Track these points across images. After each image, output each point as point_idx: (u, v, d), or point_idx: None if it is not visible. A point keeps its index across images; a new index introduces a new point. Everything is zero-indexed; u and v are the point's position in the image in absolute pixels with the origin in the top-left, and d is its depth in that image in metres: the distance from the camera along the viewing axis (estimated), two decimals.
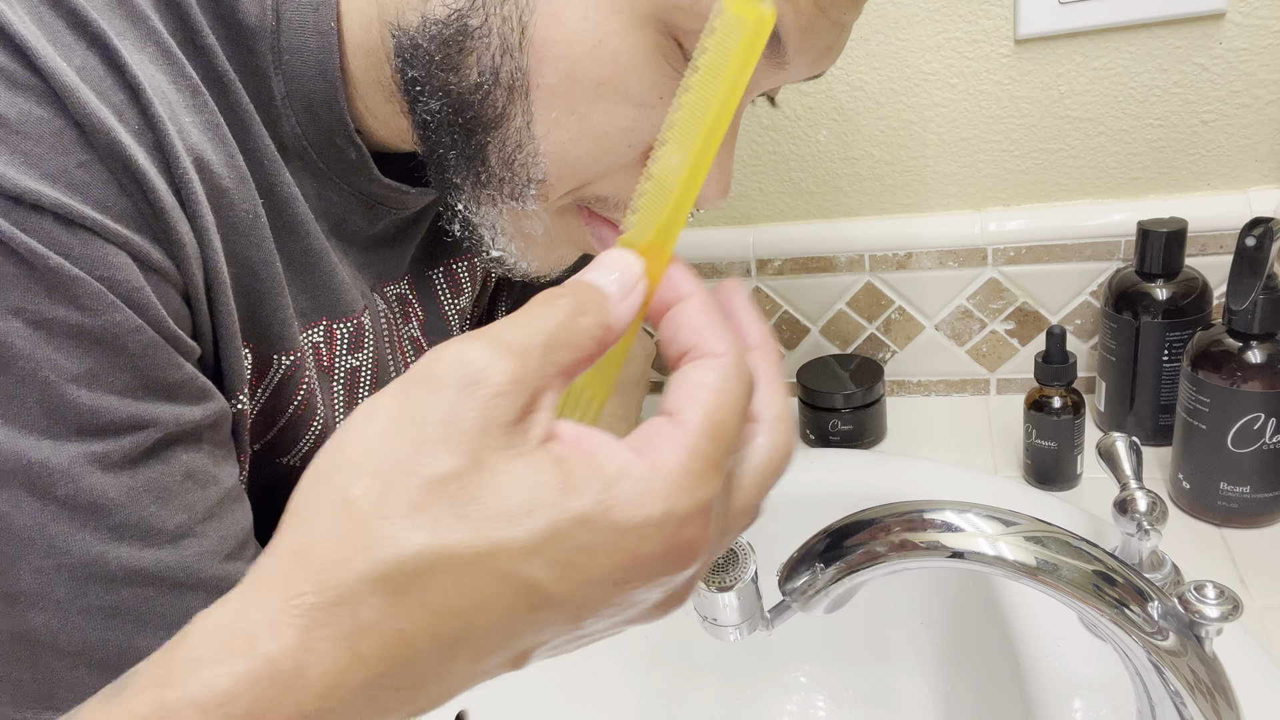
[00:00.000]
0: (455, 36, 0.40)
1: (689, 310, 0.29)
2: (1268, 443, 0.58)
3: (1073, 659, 0.51)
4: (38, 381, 0.33)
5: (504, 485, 0.24)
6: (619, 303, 0.28)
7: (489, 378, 0.24)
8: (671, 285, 0.29)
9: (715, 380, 0.27)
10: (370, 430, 0.25)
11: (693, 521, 0.25)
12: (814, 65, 0.42)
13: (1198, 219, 0.70)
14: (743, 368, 0.28)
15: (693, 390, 0.27)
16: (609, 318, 0.28)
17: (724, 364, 0.27)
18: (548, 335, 0.26)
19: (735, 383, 0.27)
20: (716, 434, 0.26)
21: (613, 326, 0.28)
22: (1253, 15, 0.67)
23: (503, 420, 0.24)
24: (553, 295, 0.27)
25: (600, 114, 0.40)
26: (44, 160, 0.33)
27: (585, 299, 0.27)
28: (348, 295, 0.49)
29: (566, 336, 0.26)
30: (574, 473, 0.24)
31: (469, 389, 0.24)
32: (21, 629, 0.35)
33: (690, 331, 0.28)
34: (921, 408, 0.82)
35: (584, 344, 0.27)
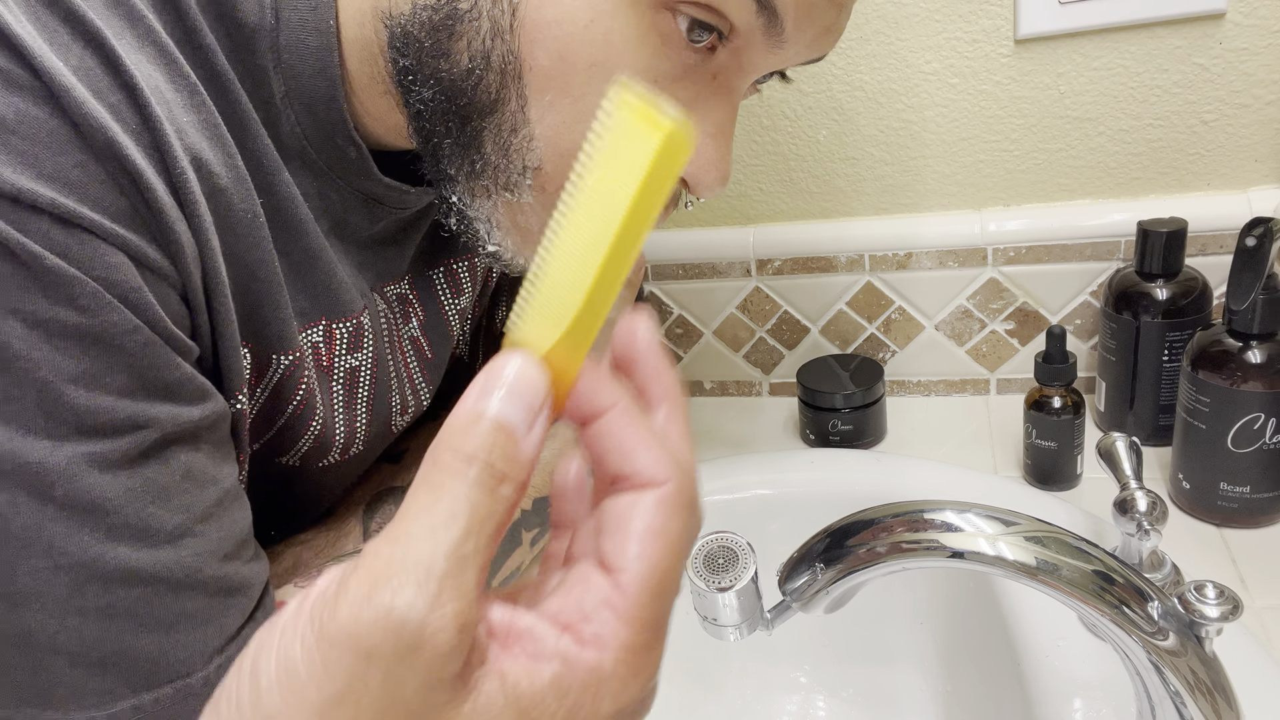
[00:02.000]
0: (445, 21, 0.40)
1: (614, 426, 0.25)
2: (1268, 443, 0.58)
3: (1073, 659, 0.51)
4: (35, 382, 0.33)
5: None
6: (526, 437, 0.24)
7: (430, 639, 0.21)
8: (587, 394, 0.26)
9: (660, 523, 0.24)
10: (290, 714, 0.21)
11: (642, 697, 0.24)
12: (813, 46, 0.42)
13: (1198, 219, 0.70)
14: (686, 495, 0.25)
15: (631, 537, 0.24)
16: (523, 469, 0.24)
17: (666, 497, 0.24)
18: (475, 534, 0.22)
19: (683, 518, 0.24)
20: (660, 591, 0.23)
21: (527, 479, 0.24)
22: (1253, 15, 0.67)
23: (449, 675, 0.21)
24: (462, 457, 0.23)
25: (594, 96, 0.40)
26: (41, 160, 0.33)
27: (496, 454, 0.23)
28: (347, 295, 0.49)
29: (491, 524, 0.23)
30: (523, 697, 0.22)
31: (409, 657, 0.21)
32: (19, 629, 0.34)
33: (620, 455, 0.25)
34: (921, 408, 0.82)
35: (505, 519, 0.23)
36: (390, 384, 0.54)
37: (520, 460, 0.24)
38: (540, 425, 0.25)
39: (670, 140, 0.24)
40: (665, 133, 0.24)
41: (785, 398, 0.88)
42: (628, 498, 0.25)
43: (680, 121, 0.24)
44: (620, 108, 0.24)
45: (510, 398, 0.24)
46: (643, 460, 0.25)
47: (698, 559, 0.42)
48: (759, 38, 0.40)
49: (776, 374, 0.88)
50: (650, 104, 0.24)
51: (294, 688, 0.21)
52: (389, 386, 0.54)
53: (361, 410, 0.52)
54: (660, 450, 0.25)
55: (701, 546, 0.42)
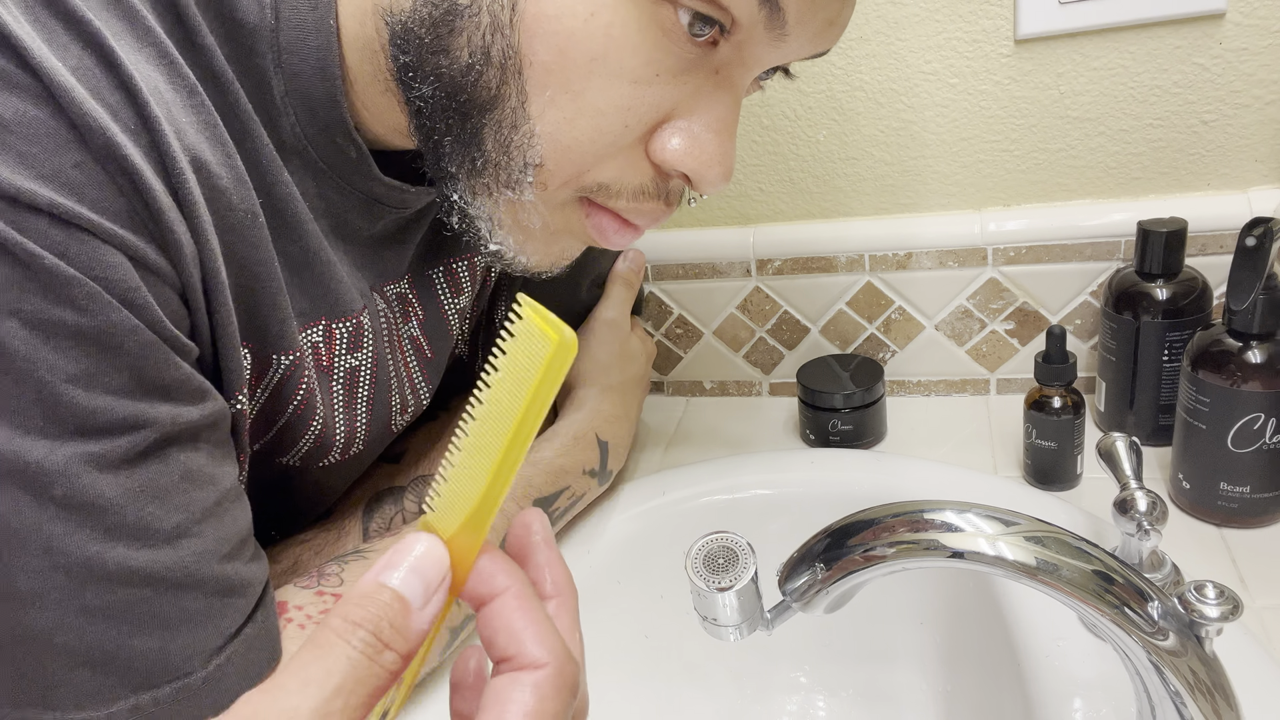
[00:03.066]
0: (445, 17, 0.40)
1: (505, 610, 0.27)
2: (1268, 443, 0.58)
3: (1073, 659, 0.51)
4: (34, 382, 0.33)
5: None
6: (420, 611, 0.26)
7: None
8: (484, 576, 0.28)
9: (530, 701, 0.25)
10: None
11: None
12: (816, 40, 0.42)
13: (1198, 219, 0.70)
14: (564, 678, 0.26)
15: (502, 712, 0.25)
16: (410, 641, 0.26)
17: (540, 679, 0.26)
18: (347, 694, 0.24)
19: (553, 699, 0.26)
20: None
21: (413, 651, 0.26)
22: (1253, 15, 0.67)
23: None
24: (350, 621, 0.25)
25: (595, 91, 0.40)
26: (40, 160, 0.33)
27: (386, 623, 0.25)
28: (347, 295, 0.49)
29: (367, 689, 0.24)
30: None
31: None
32: (19, 629, 0.34)
33: (508, 637, 0.27)
34: (921, 408, 0.82)
35: (383, 685, 0.25)
36: (390, 384, 0.54)
37: (408, 632, 0.26)
38: (436, 601, 0.27)
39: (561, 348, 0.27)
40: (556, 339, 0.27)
41: (785, 398, 0.88)
42: (507, 678, 0.26)
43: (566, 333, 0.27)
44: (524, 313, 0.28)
45: (411, 573, 0.26)
46: (527, 644, 0.26)
47: (698, 559, 0.42)
48: (761, 31, 0.40)
49: (776, 374, 0.88)
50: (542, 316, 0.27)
51: None
52: (389, 386, 0.54)
53: (361, 410, 0.52)
54: (544, 634, 0.27)
55: (702, 546, 0.42)
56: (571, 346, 0.27)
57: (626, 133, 0.41)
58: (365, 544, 0.54)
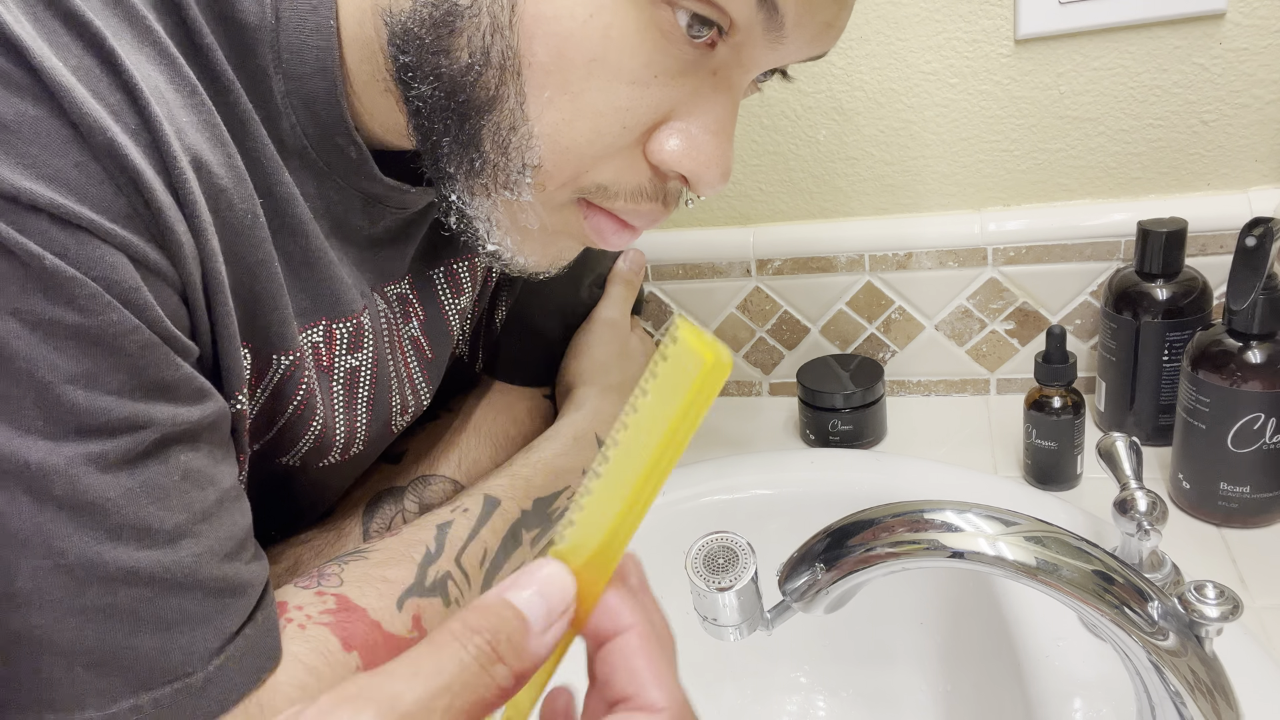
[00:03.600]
0: (445, 17, 0.40)
1: (627, 649, 0.26)
2: (1268, 443, 0.58)
3: (1073, 659, 0.51)
4: (35, 382, 0.33)
5: None
6: (540, 635, 0.26)
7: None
8: (608, 612, 0.27)
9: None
10: None
11: None
12: (814, 42, 0.42)
13: (1198, 219, 0.70)
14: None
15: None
16: (525, 661, 0.25)
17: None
18: (452, 696, 0.23)
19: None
20: None
21: (526, 675, 0.25)
22: (1253, 15, 0.67)
23: None
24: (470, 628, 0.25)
25: (593, 92, 0.40)
26: (40, 160, 0.33)
27: (504, 636, 0.25)
28: (347, 295, 0.49)
29: (473, 695, 0.24)
30: None
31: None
32: (19, 629, 0.34)
33: (628, 678, 0.26)
34: (921, 408, 0.82)
35: (491, 700, 0.24)
36: (390, 384, 0.54)
37: (524, 651, 0.25)
38: (558, 628, 0.26)
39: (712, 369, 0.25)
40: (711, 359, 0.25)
41: (785, 398, 0.88)
42: (623, 716, 0.26)
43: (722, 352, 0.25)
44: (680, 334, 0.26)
45: (536, 596, 0.26)
46: (648, 686, 0.26)
47: (698, 559, 0.42)
48: (759, 33, 0.40)
49: (776, 374, 0.88)
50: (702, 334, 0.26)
51: None
52: (389, 386, 0.54)
53: (362, 410, 0.52)
54: (665, 679, 0.26)
55: (701, 546, 0.42)
56: (725, 368, 0.26)
57: (625, 134, 0.41)
58: (365, 544, 0.54)
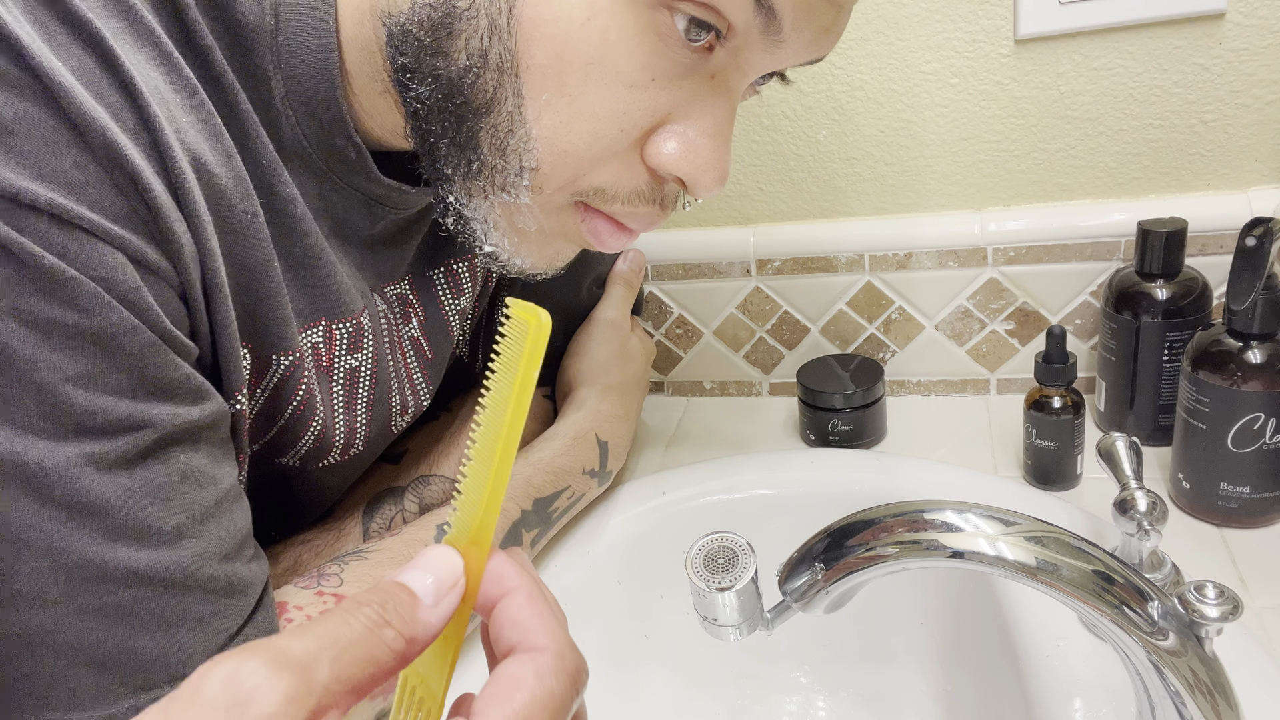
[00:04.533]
0: (444, 19, 0.40)
1: (513, 605, 0.28)
2: (1268, 443, 0.58)
3: (1073, 659, 0.51)
4: (34, 382, 0.33)
5: None
6: (432, 608, 0.27)
7: (259, 698, 0.23)
8: (496, 579, 0.29)
9: (529, 676, 0.26)
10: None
11: None
12: (811, 46, 0.42)
13: (1198, 219, 0.70)
14: (566, 663, 0.27)
15: (501, 687, 0.26)
16: (415, 628, 0.27)
17: (541, 660, 0.27)
18: (339, 649, 0.25)
19: (552, 678, 0.27)
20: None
21: (418, 638, 0.27)
22: (1253, 15, 0.67)
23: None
24: (359, 601, 0.26)
25: (591, 95, 0.40)
26: (39, 160, 0.33)
27: (392, 607, 0.26)
28: (347, 295, 0.49)
29: (361, 651, 0.25)
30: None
31: (235, 710, 0.23)
32: (19, 629, 0.34)
33: (513, 628, 0.28)
34: (921, 408, 0.82)
35: (382, 659, 0.26)
36: (390, 384, 0.54)
37: (414, 619, 0.27)
38: (448, 601, 0.28)
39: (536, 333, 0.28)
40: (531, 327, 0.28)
41: (785, 398, 0.88)
42: (511, 659, 0.27)
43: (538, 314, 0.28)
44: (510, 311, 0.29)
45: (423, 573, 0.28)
46: (531, 631, 0.28)
47: (698, 559, 0.42)
48: (757, 37, 0.40)
49: (776, 374, 0.88)
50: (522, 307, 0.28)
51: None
52: (389, 387, 0.54)
53: (361, 410, 0.53)
54: (549, 625, 0.28)
55: (701, 546, 0.42)
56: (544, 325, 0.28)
57: (622, 137, 0.41)
58: (365, 544, 0.54)
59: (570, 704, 0.27)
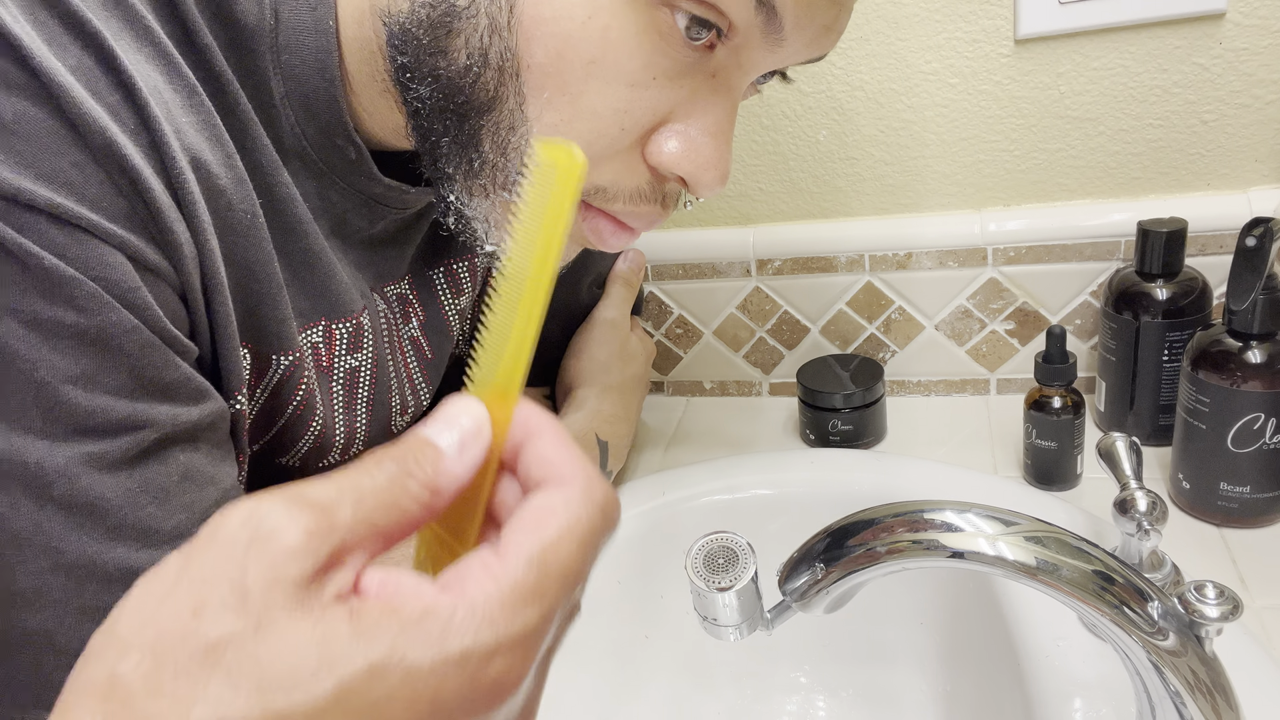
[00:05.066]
0: (443, 18, 0.40)
1: (541, 445, 0.27)
2: (1268, 443, 0.58)
3: (1073, 659, 0.51)
4: (34, 382, 0.33)
5: (287, 647, 0.22)
6: (455, 459, 0.26)
7: (280, 533, 0.23)
8: (522, 424, 0.28)
9: (558, 505, 0.25)
10: (148, 597, 0.23)
11: (501, 656, 0.23)
12: (812, 45, 0.42)
13: (1198, 219, 0.70)
14: (594, 493, 0.26)
15: (527, 516, 0.25)
16: (438, 479, 0.26)
17: (569, 491, 0.26)
18: (361, 494, 0.24)
19: (580, 507, 0.25)
20: (543, 563, 0.24)
21: (442, 490, 0.26)
22: (1253, 15, 0.67)
23: (292, 576, 0.22)
24: (382, 455, 0.26)
25: (592, 94, 0.40)
26: (39, 160, 0.33)
27: (414, 460, 0.26)
28: (347, 295, 0.49)
29: (385, 498, 0.25)
30: (367, 622, 0.22)
31: (257, 545, 0.22)
32: (19, 629, 0.34)
33: (540, 465, 0.27)
34: (921, 408, 0.82)
35: (407, 507, 0.25)
36: (390, 384, 0.54)
37: (438, 469, 0.26)
38: (473, 451, 0.27)
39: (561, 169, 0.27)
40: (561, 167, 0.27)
41: (785, 398, 0.88)
42: (539, 492, 0.26)
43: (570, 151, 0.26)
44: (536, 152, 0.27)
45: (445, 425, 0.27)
46: (559, 465, 0.27)
47: (698, 559, 0.42)
48: (758, 35, 0.40)
49: (776, 374, 0.88)
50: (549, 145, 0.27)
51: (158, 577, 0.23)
52: (389, 387, 0.54)
53: (361, 410, 0.52)
54: (575, 459, 0.27)
55: (701, 546, 0.42)
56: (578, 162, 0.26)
57: (623, 135, 0.41)
58: None
59: (601, 536, 0.26)
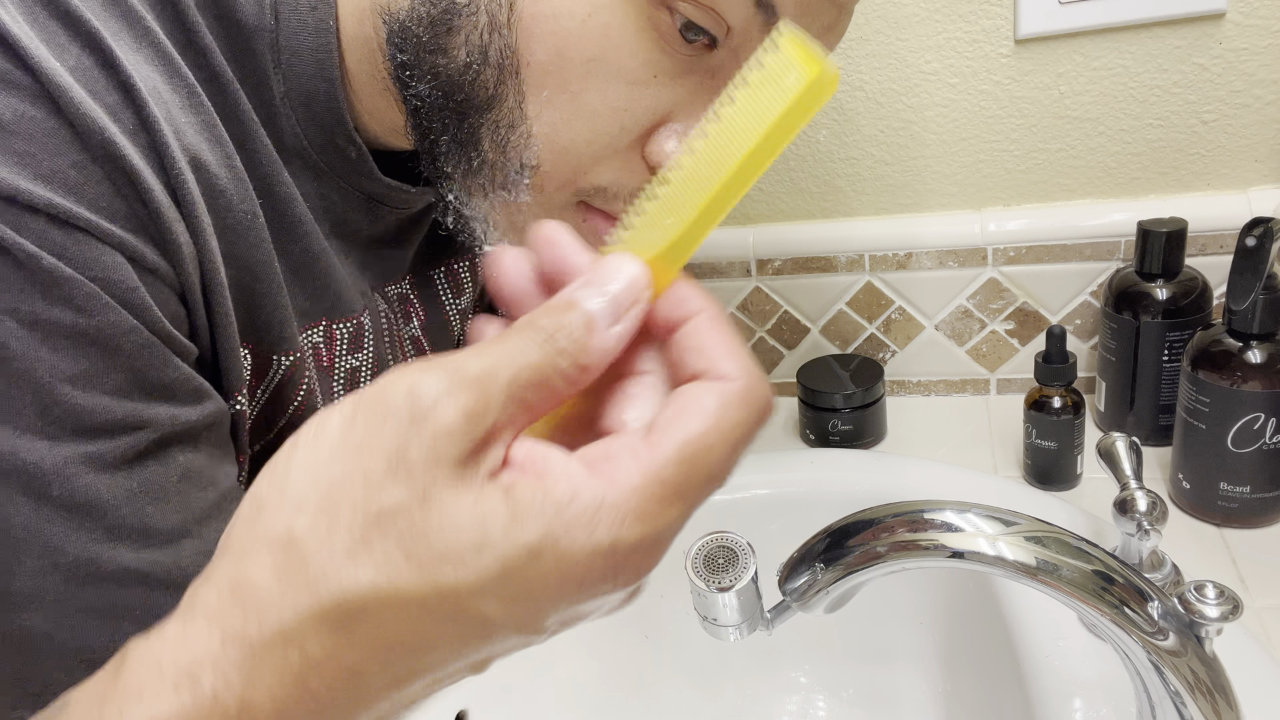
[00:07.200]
0: (443, 16, 0.40)
1: (699, 330, 0.26)
2: (1268, 443, 0.58)
3: (1073, 659, 0.51)
4: (33, 382, 0.33)
5: (451, 522, 0.23)
6: (606, 330, 0.26)
7: (439, 413, 0.23)
8: (677, 300, 0.27)
9: (713, 405, 0.25)
10: (315, 459, 0.24)
11: (643, 550, 0.24)
12: None
13: (1198, 219, 0.70)
14: (753, 396, 0.25)
15: (683, 410, 0.25)
16: (590, 356, 0.26)
17: (728, 389, 0.25)
18: (514, 372, 0.24)
19: (738, 410, 0.25)
20: (692, 462, 0.24)
21: (593, 367, 0.26)
22: (1253, 15, 0.67)
23: (451, 456, 0.23)
24: (535, 324, 0.25)
25: (592, 92, 0.40)
26: (38, 161, 0.33)
27: (568, 335, 0.25)
28: (348, 295, 0.49)
29: (536, 376, 0.25)
30: (522, 501, 0.23)
31: (418, 423, 0.23)
32: (17, 629, 0.34)
33: (698, 355, 0.26)
34: (921, 408, 0.82)
35: (556, 385, 0.25)
36: None
37: (589, 346, 0.26)
38: (628, 321, 0.26)
39: (816, 82, 0.25)
40: (815, 72, 0.25)
41: (785, 398, 0.88)
42: (696, 384, 0.26)
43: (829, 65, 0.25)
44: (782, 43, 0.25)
45: (602, 296, 0.26)
46: (719, 360, 0.26)
47: (698, 559, 0.42)
48: (756, 35, 0.40)
49: (776, 374, 0.88)
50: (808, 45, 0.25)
51: (323, 440, 0.24)
52: None
53: None
54: (737, 354, 0.26)
55: (701, 547, 0.42)
56: (832, 82, 0.25)
57: (623, 134, 0.41)
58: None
59: (752, 438, 0.26)
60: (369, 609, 0.23)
